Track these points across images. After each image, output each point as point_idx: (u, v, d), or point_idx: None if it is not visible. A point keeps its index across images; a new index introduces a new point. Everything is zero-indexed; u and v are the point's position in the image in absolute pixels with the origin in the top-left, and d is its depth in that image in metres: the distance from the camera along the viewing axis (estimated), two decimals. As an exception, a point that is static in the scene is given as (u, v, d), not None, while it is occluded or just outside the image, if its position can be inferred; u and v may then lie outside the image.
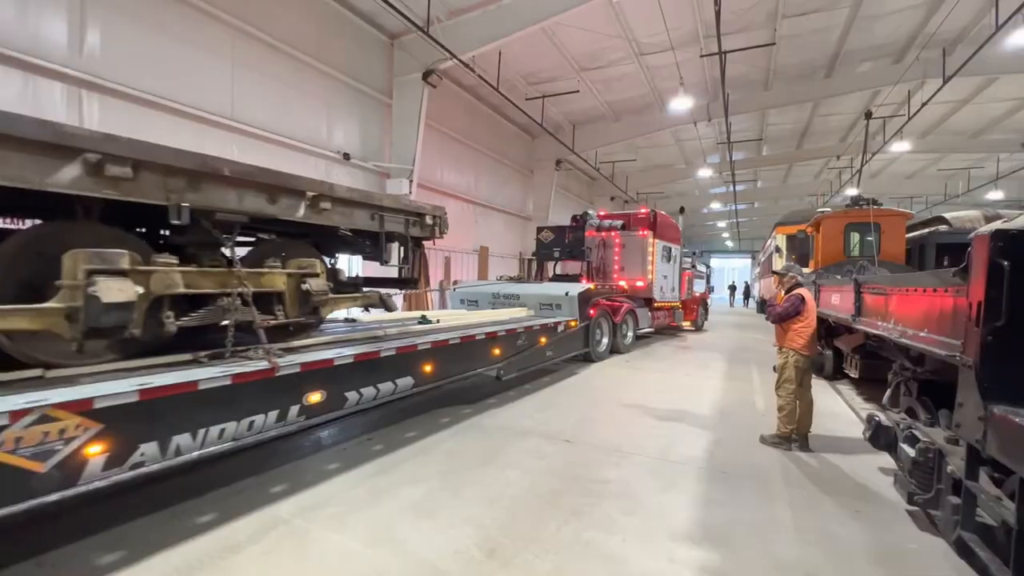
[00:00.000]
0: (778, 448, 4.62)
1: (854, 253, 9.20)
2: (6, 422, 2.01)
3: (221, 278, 3.21)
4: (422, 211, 4.85)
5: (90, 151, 2.50)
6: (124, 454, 2.44)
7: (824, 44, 13.58)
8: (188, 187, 2.94)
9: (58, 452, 2.18)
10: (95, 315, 2.48)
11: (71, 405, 2.23)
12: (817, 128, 20.47)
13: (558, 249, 11.10)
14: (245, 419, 3.03)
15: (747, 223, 40.84)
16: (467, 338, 5.20)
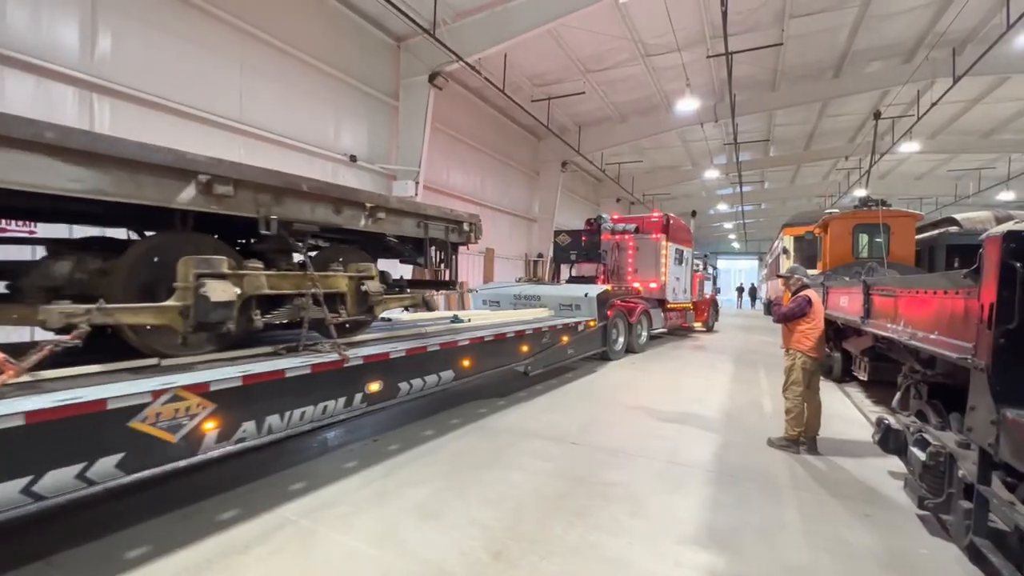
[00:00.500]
0: (786, 451, 4.59)
1: (863, 255, 9.13)
2: (148, 400, 2.43)
3: (297, 280, 3.61)
4: (460, 219, 5.26)
5: (202, 173, 2.92)
6: (231, 430, 2.87)
7: (832, 44, 13.49)
8: (273, 201, 3.36)
9: (185, 426, 2.61)
10: (204, 312, 2.91)
11: (194, 387, 2.65)
12: (825, 129, 20.32)
13: (575, 252, 11.51)
14: (320, 404, 3.45)
15: (754, 224, 40.65)
16: (499, 336, 5.63)
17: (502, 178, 17.62)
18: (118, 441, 2.35)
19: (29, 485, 2.07)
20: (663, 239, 11.89)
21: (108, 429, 2.32)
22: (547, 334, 6.65)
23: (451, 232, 5.11)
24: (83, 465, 2.24)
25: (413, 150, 11.81)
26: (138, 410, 2.40)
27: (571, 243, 11.60)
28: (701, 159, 23.92)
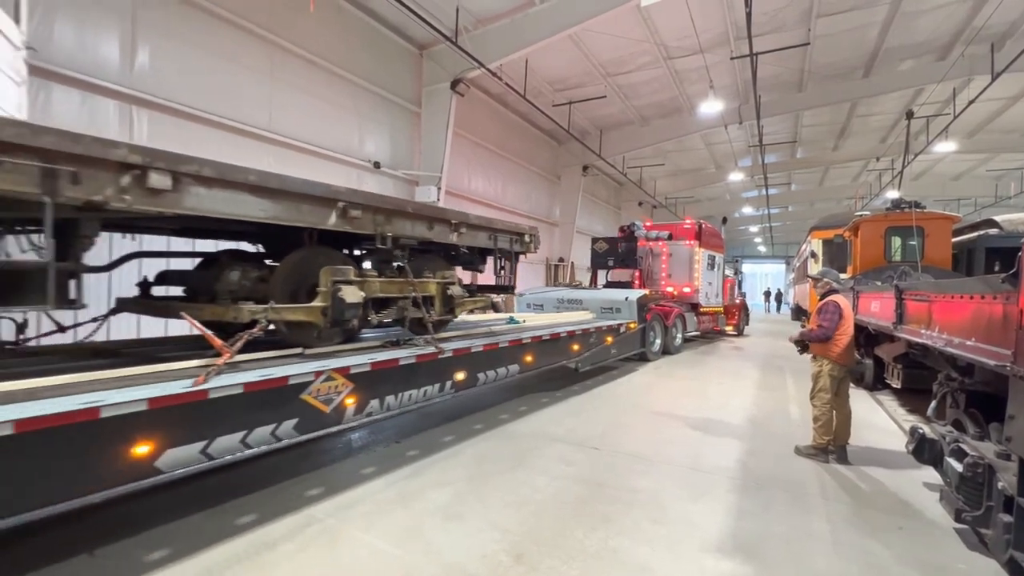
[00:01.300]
0: (814, 460, 4.47)
1: (895, 258, 8.84)
2: (312, 378, 3.14)
3: (400, 285, 4.26)
4: (522, 231, 5.91)
5: (342, 200, 3.61)
6: (363, 406, 3.56)
7: (862, 42, 13.16)
8: (386, 221, 4.03)
9: (334, 400, 3.32)
10: (340, 311, 3.60)
11: (341, 370, 3.35)
12: (855, 129, 19.79)
13: (612, 258, 12.07)
14: (422, 388, 4.13)
15: (780, 227, 39.75)
16: (554, 335, 6.20)
17: (523, 183, 17.69)
18: (295, 409, 3.08)
19: (244, 437, 2.80)
20: (696, 245, 12.35)
21: (289, 399, 3.05)
22: (594, 334, 7.18)
23: (514, 243, 5.71)
24: (274, 425, 2.96)
25: (435, 156, 11.97)
26: (307, 386, 3.12)
27: (608, 250, 12.14)
28: (725, 162, 23.55)
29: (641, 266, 12.23)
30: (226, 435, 2.72)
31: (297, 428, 3.11)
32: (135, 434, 2.35)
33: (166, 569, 2.59)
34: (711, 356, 11.39)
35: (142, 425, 2.36)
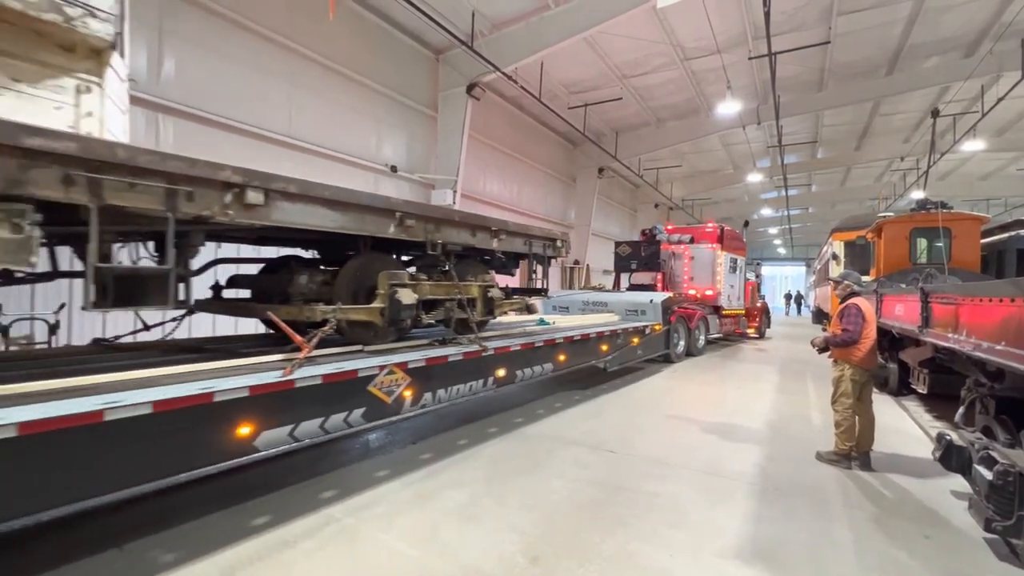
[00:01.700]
0: (836, 466, 4.38)
1: (921, 260, 8.62)
2: (377, 372, 3.53)
3: (447, 288, 4.55)
4: (554, 237, 6.16)
5: (399, 211, 3.96)
6: (418, 398, 3.92)
7: (884, 40, 12.88)
8: (435, 229, 4.33)
9: (395, 392, 3.70)
10: (396, 311, 3.97)
11: (400, 365, 3.72)
12: (878, 128, 19.35)
13: (635, 261, 12.34)
14: (468, 383, 4.43)
15: (801, 229, 39.03)
16: (585, 336, 6.45)
17: (538, 185, 17.71)
18: (363, 399, 3.46)
19: (322, 423, 3.19)
20: (718, 248, 12.43)
21: (358, 390, 3.43)
22: (621, 336, 7.44)
23: (547, 248, 5.99)
24: (346, 413, 3.35)
25: (451, 159, 12.06)
26: (372, 378, 3.51)
27: (631, 253, 12.40)
28: (743, 162, 23.25)
29: (663, 269, 12.41)
30: (308, 420, 3.12)
31: (365, 416, 3.50)
32: (240, 417, 2.76)
33: (191, 564, 2.66)
34: (733, 359, 11.36)
35: (244, 409, 2.77)
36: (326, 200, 3.43)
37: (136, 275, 2.71)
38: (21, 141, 2.09)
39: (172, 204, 2.59)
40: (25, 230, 2.13)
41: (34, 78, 2.57)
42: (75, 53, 2.69)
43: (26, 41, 2.52)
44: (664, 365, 9.64)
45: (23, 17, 2.41)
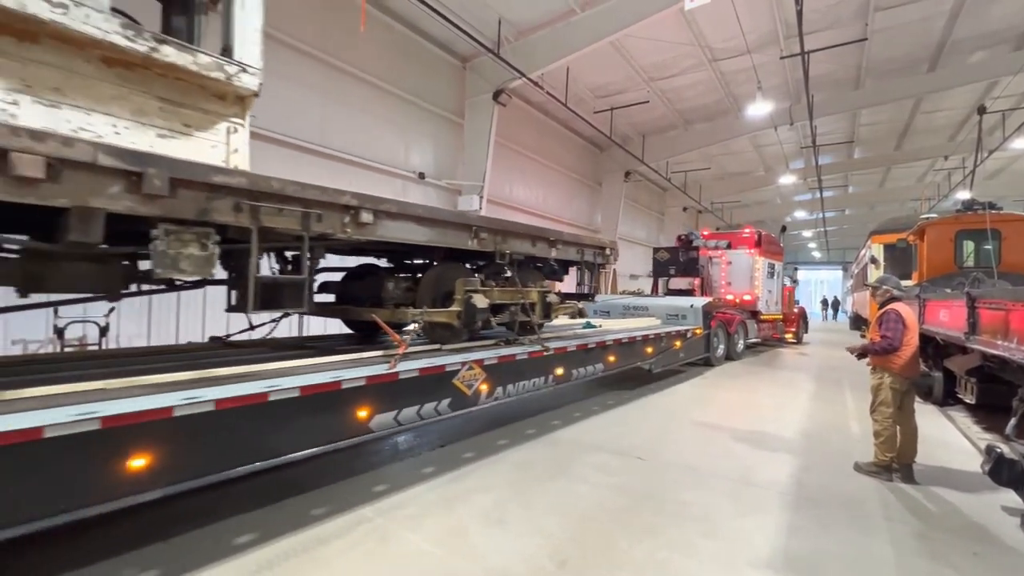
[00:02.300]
0: (876, 478, 4.21)
1: (967, 264, 8.23)
2: (459, 367, 3.98)
3: (512, 294, 4.96)
4: (604, 245, 6.52)
5: (475, 226, 4.41)
6: (492, 392, 4.32)
7: (926, 35, 12.39)
8: (502, 240, 4.75)
9: (474, 385, 4.13)
10: (471, 314, 4.35)
11: (477, 361, 4.16)
12: (920, 126, 18.57)
13: (673, 267, 12.58)
14: (531, 380, 4.83)
15: (837, 232, 37.76)
16: (632, 339, 6.76)
17: (564, 190, 17.69)
18: (449, 391, 3.92)
19: (418, 410, 3.68)
20: (756, 254, 12.58)
21: (445, 383, 3.88)
22: (664, 339, 7.72)
23: (596, 255, 6.32)
24: (436, 402, 3.81)
25: (478, 165, 12.19)
26: (456, 373, 3.95)
27: (669, 259, 12.67)
28: (776, 164, 22.66)
29: (701, 274, 12.58)
30: (408, 407, 3.60)
31: (450, 406, 3.94)
32: (359, 401, 3.27)
33: (230, 560, 2.77)
34: (771, 364, 11.30)
35: (362, 396, 3.27)
36: (418, 217, 3.92)
37: (278, 283, 3.24)
38: (210, 178, 2.66)
39: (307, 224, 3.12)
40: (209, 248, 2.72)
41: (199, 123, 3.09)
42: (226, 101, 3.22)
43: (194, 94, 3.04)
44: (704, 368, 9.79)
45: (196, 76, 2.94)
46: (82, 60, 2.59)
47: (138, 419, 2.24)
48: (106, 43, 2.57)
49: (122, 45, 2.61)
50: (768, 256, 13.10)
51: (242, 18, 3.22)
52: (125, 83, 2.75)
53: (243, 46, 3.21)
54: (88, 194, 2.26)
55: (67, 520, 2.19)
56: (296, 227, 3.06)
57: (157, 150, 2.75)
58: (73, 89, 2.57)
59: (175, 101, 2.95)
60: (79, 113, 2.59)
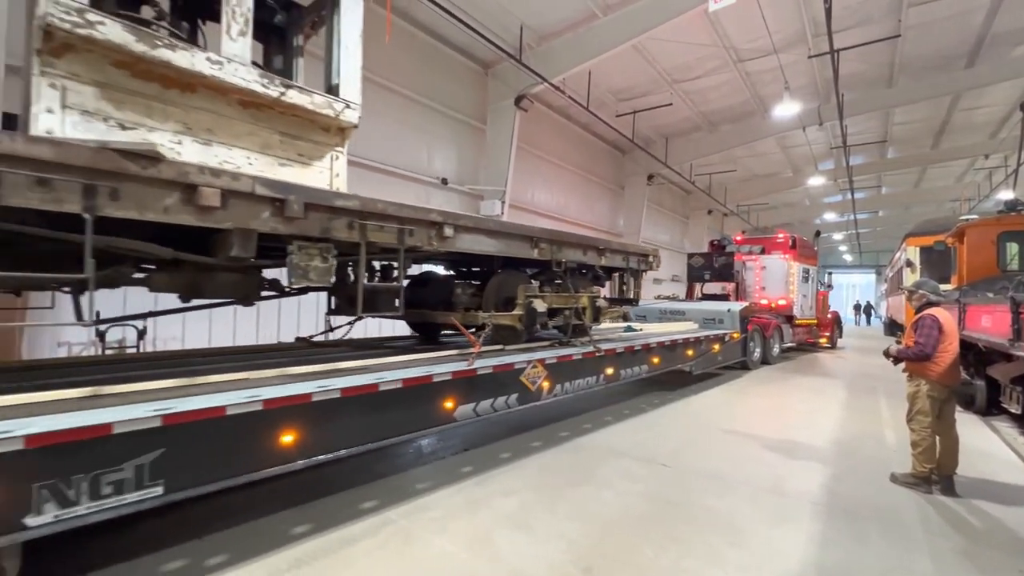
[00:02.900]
0: (914, 490, 4.05)
1: (1012, 267, 7.87)
2: (525, 365, 4.35)
3: (566, 299, 5.33)
4: (647, 252, 6.91)
5: (535, 237, 4.85)
6: (552, 388, 4.68)
7: (963, 30, 11.94)
8: (558, 249, 5.15)
9: (537, 382, 4.49)
10: (532, 318, 4.76)
11: (540, 360, 4.52)
12: (958, 124, 17.86)
13: (708, 272, 12.71)
14: (585, 378, 5.17)
15: (869, 234, 36.53)
16: (674, 342, 7.01)
17: (586, 194, 17.62)
18: (516, 387, 4.30)
19: (492, 403, 4.06)
20: (791, 259, 12.61)
21: (513, 379, 4.27)
22: (703, 342, 7.93)
23: (640, 263, 6.69)
24: (506, 396, 4.18)
25: (499, 171, 12.25)
26: (523, 371, 4.32)
27: (704, 264, 12.82)
28: (804, 165, 22.11)
29: (736, 279, 12.69)
30: (483, 400, 4.00)
31: (517, 400, 4.33)
32: (446, 394, 3.71)
33: (262, 558, 2.84)
34: (807, 368, 11.35)
35: (447, 389, 3.70)
36: (489, 230, 4.39)
37: (377, 290, 3.82)
38: (332, 202, 3.19)
39: (402, 239, 3.59)
40: (329, 260, 3.23)
41: (309, 152, 3.61)
42: (331, 132, 3.72)
43: (307, 128, 3.56)
44: (741, 372, 9.92)
45: (311, 113, 3.48)
46: (226, 104, 3.14)
47: (287, 402, 2.75)
48: (247, 90, 3.11)
49: (259, 91, 3.15)
50: (803, 261, 13.10)
51: (346, 60, 3.71)
52: (256, 121, 3.30)
53: (346, 85, 3.71)
54: (248, 218, 2.78)
55: (238, 483, 2.64)
56: (393, 241, 3.53)
57: (279, 177, 3.17)
58: (220, 129, 3.12)
59: (292, 134, 3.48)
60: (224, 148, 3.13)
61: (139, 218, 2.42)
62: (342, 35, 3.72)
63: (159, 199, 2.47)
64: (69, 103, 2.59)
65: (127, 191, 2.36)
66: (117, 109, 2.75)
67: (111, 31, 2.57)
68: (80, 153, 2.21)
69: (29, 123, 2.51)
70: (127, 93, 2.78)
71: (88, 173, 2.24)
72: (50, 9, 2.37)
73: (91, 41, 2.54)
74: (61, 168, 2.16)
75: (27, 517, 1.93)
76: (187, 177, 2.51)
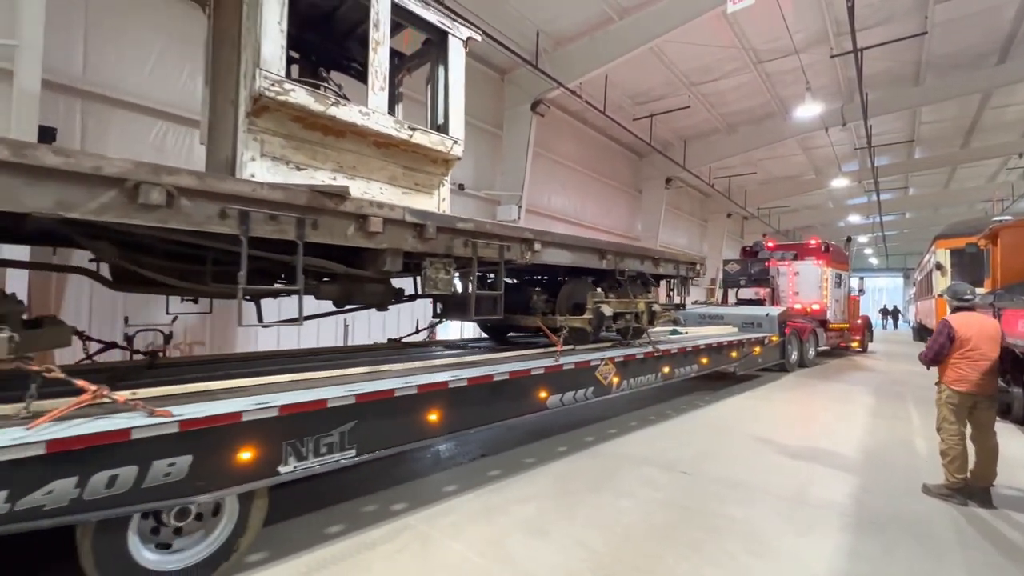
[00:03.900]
0: (947, 501, 3.91)
1: (1049, 269, 7.55)
2: (599, 363, 4.96)
3: (627, 303, 5.85)
4: (695, 261, 7.33)
5: (602, 249, 5.39)
6: (620, 383, 5.30)
7: (994, 25, 11.57)
8: (620, 259, 5.67)
9: (608, 377, 5.12)
10: (600, 321, 5.37)
11: (610, 359, 5.15)
12: (989, 123, 17.26)
13: (744, 277, 13.23)
14: (646, 376, 5.78)
15: (896, 236, 35.53)
16: (720, 344, 7.55)
17: (603, 198, 17.52)
18: (591, 381, 4.91)
19: (573, 395, 4.68)
20: (825, 264, 12.93)
21: (589, 374, 4.89)
22: (745, 345, 8.38)
23: (688, 271, 7.15)
24: (584, 390, 4.79)
25: (516, 176, 12.28)
26: (597, 367, 4.94)
27: (740, 270, 13.36)
28: (827, 167, 21.63)
29: (771, 285, 13.11)
30: (568, 392, 4.61)
31: (593, 393, 4.90)
32: (540, 385, 4.35)
33: (284, 561, 2.88)
34: (844, 370, 11.69)
35: (540, 382, 4.34)
36: (567, 244, 4.94)
37: (480, 297, 4.29)
38: (456, 225, 3.84)
39: (501, 254, 4.17)
40: (450, 272, 3.89)
41: (423, 182, 4.20)
42: (438, 164, 4.27)
43: (423, 161, 4.14)
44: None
45: (428, 149, 4.07)
46: (366, 146, 3.78)
47: (432, 388, 3.45)
48: (384, 134, 3.74)
49: (392, 134, 3.78)
50: (835, 266, 13.38)
51: (453, 102, 4.28)
52: (386, 158, 3.92)
53: (453, 123, 4.26)
54: (399, 240, 3.47)
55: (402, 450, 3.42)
56: (495, 256, 4.14)
57: (403, 204, 3.67)
58: (362, 166, 3.77)
59: (411, 167, 4.08)
60: (363, 182, 3.76)
61: (330, 242, 3.11)
62: (449, 80, 4.28)
63: (344, 227, 3.17)
64: (264, 152, 3.26)
65: (323, 222, 3.05)
66: (293, 154, 3.42)
67: (298, 95, 3.26)
68: (299, 195, 2.91)
69: (237, 168, 3.20)
70: (300, 141, 3.44)
71: (302, 210, 2.92)
72: (261, 82, 3.07)
73: (284, 104, 3.21)
74: (285, 206, 2.87)
75: (280, 466, 2.68)
76: (361, 209, 3.20)
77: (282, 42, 3.20)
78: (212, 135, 3.74)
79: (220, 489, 2.50)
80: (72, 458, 2.08)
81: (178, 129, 7.09)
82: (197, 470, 2.40)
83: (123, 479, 2.20)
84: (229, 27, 3.53)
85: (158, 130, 6.90)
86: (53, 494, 2.04)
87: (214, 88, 3.75)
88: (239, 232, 2.68)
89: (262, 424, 2.59)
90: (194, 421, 2.38)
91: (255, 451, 2.58)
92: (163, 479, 2.30)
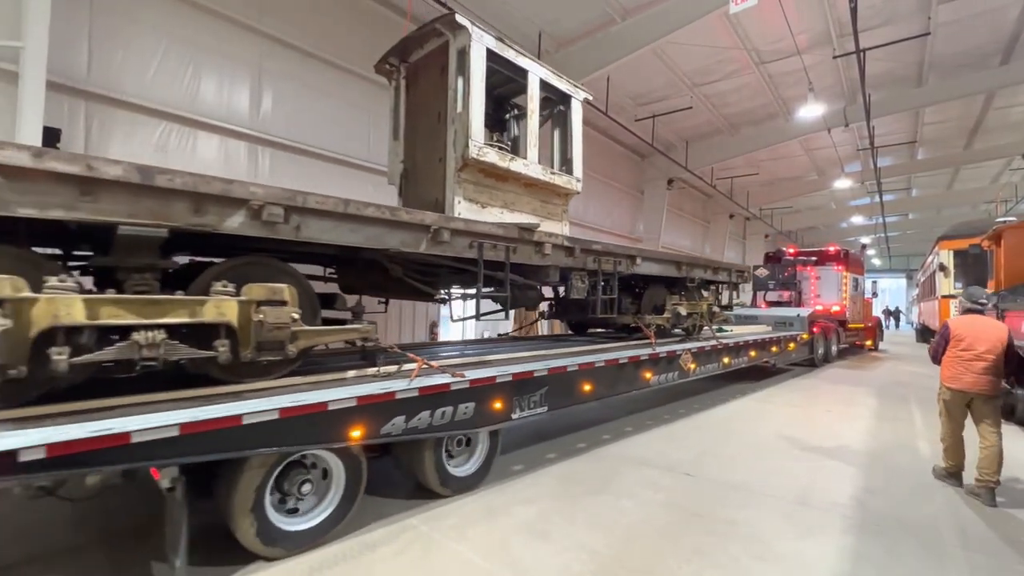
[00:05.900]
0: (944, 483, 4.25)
1: (1053, 271, 7.52)
2: (682, 353, 6.26)
3: (693, 305, 7.04)
4: (743, 269, 8.63)
5: (678, 259, 6.50)
6: (695, 370, 6.51)
7: (998, 26, 11.53)
8: (690, 268, 6.69)
9: (687, 364, 6.38)
10: (676, 319, 6.73)
11: (687, 349, 6.35)
12: (992, 123, 17.19)
13: (773, 281, 14.56)
14: (711, 364, 7.05)
15: (899, 238, 35.42)
16: (763, 340, 8.80)
17: (604, 199, 17.49)
18: (676, 367, 6.18)
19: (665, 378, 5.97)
20: (844, 269, 14.14)
21: (675, 362, 6.14)
22: (783, 342, 9.66)
23: (738, 276, 8.33)
24: (671, 374, 6.10)
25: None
26: (680, 356, 6.18)
27: (768, 275, 14.63)
28: (829, 168, 21.58)
29: (797, 288, 14.34)
30: (662, 374, 5.86)
31: (677, 376, 6.15)
32: (646, 369, 5.62)
33: (282, 563, 2.88)
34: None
35: (646, 365, 5.60)
36: (656, 259, 6.19)
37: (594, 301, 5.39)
38: (591, 246, 5.19)
39: (616, 267, 5.40)
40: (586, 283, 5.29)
41: (551, 212, 5.19)
42: (560, 196, 5.28)
43: (552, 195, 5.19)
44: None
45: (558, 187, 5.12)
46: (519, 186, 4.81)
47: (584, 367, 4.74)
48: (533, 178, 4.81)
49: (540, 178, 4.87)
50: (853, 271, 14.61)
51: (575, 146, 5.33)
52: (531, 195, 4.95)
53: (575, 163, 5.29)
54: (559, 259, 4.76)
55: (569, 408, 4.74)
56: (610, 268, 5.38)
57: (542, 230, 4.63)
58: (515, 202, 4.79)
59: (544, 200, 5.09)
60: (516, 215, 4.75)
61: (521, 263, 4.40)
62: (572, 127, 5.32)
63: (530, 251, 4.48)
64: (464, 196, 4.33)
65: (519, 248, 4.35)
66: (478, 196, 4.44)
67: (490, 155, 4.36)
68: (511, 229, 4.28)
69: (447, 208, 4.30)
70: (483, 187, 4.48)
71: (510, 240, 4.25)
72: (472, 148, 4.16)
73: (481, 162, 4.29)
74: (503, 238, 4.19)
75: (512, 413, 4.04)
76: (539, 238, 4.47)
77: (482, 118, 4.24)
78: (414, 180, 4.93)
79: (488, 425, 3.88)
80: (426, 401, 3.41)
81: (181, 130, 7.12)
82: (479, 412, 3.76)
83: (447, 414, 3.54)
84: (429, 102, 4.68)
85: (162, 131, 6.93)
86: (420, 419, 3.38)
87: (410, 144, 5.00)
88: (477, 256, 3.96)
89: (505, 385, 3.96)
90: (477, 380, 3.73)
91: (503, 403, 3.94)
92: (463, 416, 3.65)
